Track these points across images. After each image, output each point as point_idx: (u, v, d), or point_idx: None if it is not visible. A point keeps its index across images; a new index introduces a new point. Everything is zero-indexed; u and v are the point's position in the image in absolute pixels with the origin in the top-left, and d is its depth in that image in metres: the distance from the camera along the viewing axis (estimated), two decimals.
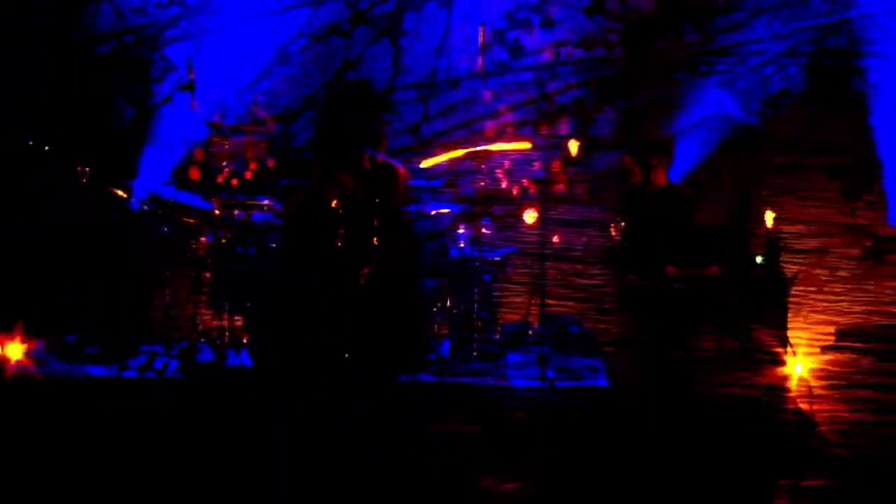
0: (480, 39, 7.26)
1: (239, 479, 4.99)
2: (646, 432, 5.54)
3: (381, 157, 4.55)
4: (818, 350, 6.17)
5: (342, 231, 4.43)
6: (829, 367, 6.06)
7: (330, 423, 4.44)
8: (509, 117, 7.42)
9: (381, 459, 4.52)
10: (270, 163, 6.75)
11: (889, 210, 7.07)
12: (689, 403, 5.50)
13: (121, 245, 6.50)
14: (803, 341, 6.31)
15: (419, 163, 6.91)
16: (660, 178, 5.88)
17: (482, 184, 7.46)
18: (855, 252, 7.15)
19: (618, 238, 5.98)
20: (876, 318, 6.60)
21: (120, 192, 6.68)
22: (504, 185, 7.52)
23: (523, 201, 7.30)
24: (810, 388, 5.96)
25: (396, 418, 4.67)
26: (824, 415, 5.86)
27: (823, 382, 6.03)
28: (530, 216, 6.90)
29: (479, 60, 7.38)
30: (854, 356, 5.99)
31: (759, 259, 6.18)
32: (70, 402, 5.67)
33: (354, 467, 4.45)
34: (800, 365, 5.98)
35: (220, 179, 6.61)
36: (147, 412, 5.56)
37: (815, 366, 6.12)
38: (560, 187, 7.30)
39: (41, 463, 5.28)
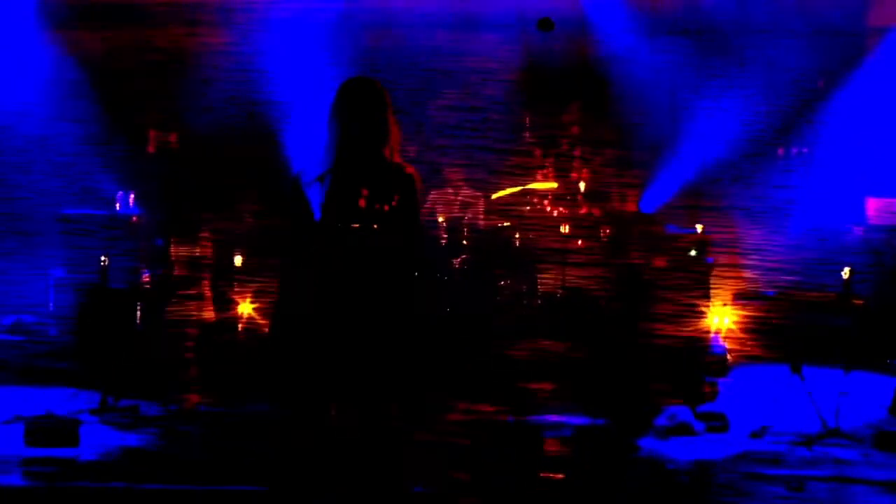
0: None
1: None
2: (625, 356, 7.38)
3: (395, 159, 4.32)
4: (724, 305, 8.40)
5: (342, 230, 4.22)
6: (733, 317, 8.30)
7: (346, 430, 4.29)
8: (548, 163, 8.95)
9: (396, 466, 4.37)
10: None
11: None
12: (651, 336, 7.55)
13: None
14: (717, 301, 8.40)
15: (492, 195, 8.56)
16: (631, 205, 8.21)
17: (527, 208, 8.67)
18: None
19: (607, 241, 8.21)
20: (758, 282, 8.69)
21: None
22: (546, 209, 8.77)
23: (556, 219, 8.66)
24: (724, 328, 8.20)
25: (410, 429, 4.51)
26: (730, 343, 8.17)
27: (729, 325, 8.29)
28: (562, 228, 8.38)
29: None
30: (746, 309, 8.30)
31: (692, 252, 8.30)
32: None
33: (370, 472, 4.28)
34: (717, 317, 8.23)
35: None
36: None
37: (724, 315, 8.27)
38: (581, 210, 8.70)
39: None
